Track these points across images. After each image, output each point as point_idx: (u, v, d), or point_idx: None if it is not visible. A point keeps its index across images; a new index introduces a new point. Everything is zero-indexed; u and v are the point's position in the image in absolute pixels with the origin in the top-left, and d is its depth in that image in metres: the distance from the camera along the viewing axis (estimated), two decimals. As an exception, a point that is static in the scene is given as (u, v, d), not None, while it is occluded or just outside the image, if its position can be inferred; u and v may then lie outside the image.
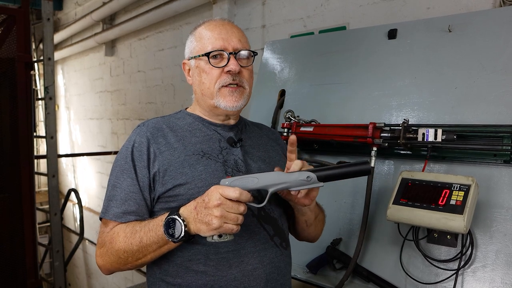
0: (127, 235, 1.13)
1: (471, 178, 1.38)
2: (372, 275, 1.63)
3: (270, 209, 1.26)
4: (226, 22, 1.27)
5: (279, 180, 1.06)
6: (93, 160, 6.30)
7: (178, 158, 1.19)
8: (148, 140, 1.21)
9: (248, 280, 1.16)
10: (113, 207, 1.17)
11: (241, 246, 1.17)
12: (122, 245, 1.13)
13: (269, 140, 1.41)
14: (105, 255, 1.17)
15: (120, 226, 1.16)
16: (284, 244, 1.28)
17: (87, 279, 6.83)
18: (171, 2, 3.98)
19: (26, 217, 3.28)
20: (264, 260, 1.19)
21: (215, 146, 1.25)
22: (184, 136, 1.25)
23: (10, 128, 3.27)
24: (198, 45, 1.25)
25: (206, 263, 1.15)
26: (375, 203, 1.70)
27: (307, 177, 1.04)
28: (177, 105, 4.32)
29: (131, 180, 1.18)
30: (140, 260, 1.14)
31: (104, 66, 5.87)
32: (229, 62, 1.20)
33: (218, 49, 1.21)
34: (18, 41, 3.23)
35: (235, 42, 1.22)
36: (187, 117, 1.31)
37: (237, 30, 1.27)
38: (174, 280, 1.18)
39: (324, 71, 2.04)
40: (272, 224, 1.25)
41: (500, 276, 1.37)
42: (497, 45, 1.54)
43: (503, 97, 1.49)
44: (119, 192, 1.18)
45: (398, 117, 1.72)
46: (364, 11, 2.54)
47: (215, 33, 1.23)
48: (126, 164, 1.19)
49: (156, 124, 1.26)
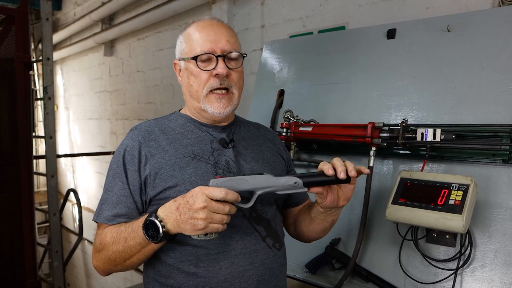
0: (113, 236, 1.14)
1: (470, 177, 1.38)
2: (371, 275, 1.63)
3: (263, 210, 1.26)
4: (214, 22, 1.25)
5: (268, 184, 1.10)
6: (92, 160, 6.29)
7: (169, 161, 1.19)
8: (140, 143, 1.21)
9: (239, 281, 1.16)
10: (104, 210, 1.19)
11: (231, 248, 1.17)
12: (110, 246, 1.14)
13: (265, 140, 1.40)
14: (98, 256, 1.19)
15: (110, 227, 1.17)
16: (278, 245, 1.27)
17: (86, 279, 6.83)
18: (170, 2, 3.98)
19: (25, 217, 3.28)
20: (256, 262, 1.19)
21: (206, 147, 1.25)
22: (175, 138, 1.25)
23: (9, 128, 3.26)
24: (187, 46, 1.24)
25: (197, 264, 1.16)
26: (374, 203, 1.69)
27: (294, 182, 1.11)
28: (177, 105, 4.32)
29: (122, 184, 1.19)
30: (128, 261, 1.14)
31: (103, 66, 5.87)
32: (217, 65, 1.20)
33: (206, 52, 1.20)
34: (17, 41, 3.22)
35: (223, 43, 1.21)
36: (179, 119, 1.31)
37: (226, 30, 1.25)
38: (166, 281, 1.19)
39: (323, 71, 2.04)
40: (264, 225, 1.24)
41: (499, 276, 1.37)
42: (496, 44, 1.54)
43: (502, 97, 1.48)
44: (110, 196, 1.19)
45: (397, 117, 1.72)
46: (363, 11, 2.54)
47: (204, 35, 1.22)
48: (118, 168, 1.20)
49: (148, 127, 1.27)
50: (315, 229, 1.34)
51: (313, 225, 1.32)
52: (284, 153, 1.44)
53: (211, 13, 3.63)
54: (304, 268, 1.80)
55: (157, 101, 4.71)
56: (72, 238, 6.65)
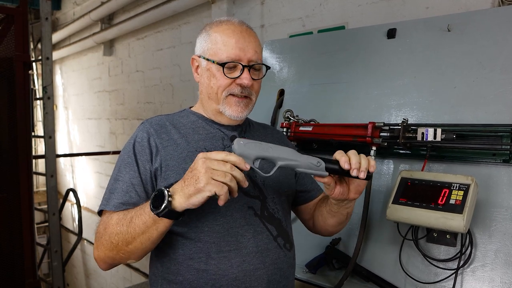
0: (120, 217, 1.11)
1: (470, 177, 1.38)
2: (372, 274, 1.63)
3: (275, 209, 1.25)
4: (244, 29, 1.23)
5: (290, 156, 1.07)
6: (92, 160, 6.29)
7: (180, 154, 1.19)
8: (151, 135, 1.21)
9: (250, 280, 1.15)
10: (114, 198, 1.16)
11: (243, 245, 1.16)
12: (114, 227, 1.10)
13: (273, 139, 1.40)
14: (99, 243, 1.15)
15: (117, 212, 1.14)
16: (288, 245, 1.26)
17: (86, 279, 6.82)
18: (170, 2, 3.97)
19: (25, 217, 3.27)
20: (267, 261, 1.18)
21: (218, 143, 1.24)
22: (187, 133, 1.24)
23: (8, 127, 3.26)
24: (212, 47, 1.21)
25: (208, 261, 1.14)
26: (374, 203, 1.69)
27: (317, 162, 1.08)
28: (176, 105, 4.32)
29: (133, 173, 1.17)
30: (130, 245, 1.09)
31: (102, 66, 5.86)
32: (242, 75, 1.18)
33: (233, 60, 1.18)
34: (16, 41, 3.22)
35: (251, 53, 1.19)
36: (190, 116, 1.31)
37: (254, 39, 1.23)
38: (175, 278, 1.17)
39: (323, 71, 2.03)
40: (275, 225, 1.24)
41: (499, 276, 1.37)
42: (496, 44, 1.54)
43: (502, 96, 1.48)
44: (121, 185, 1.17)
45: (397, 117, 1.72)
46: (363, 11, 2.54)
47: (232, 41, 1.19)
48: (129, 158, 1.19)
49: (160, 121, 1.26)
50: (331, 222, 1.31)
51: (329, 218, 1.30)
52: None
53: (210, 13, 3.62)
54: (304, 268, 1.80)
55: (156, 101, 4.70)
56: (71, 238, 6.64)
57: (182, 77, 4.23)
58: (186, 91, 4.20)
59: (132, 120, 5.22)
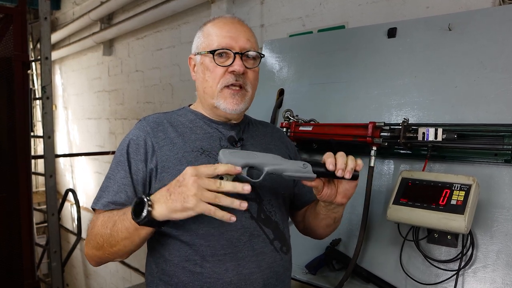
0: (105, 219, 1.11)
1: (472, 177, 1.37)
2: (372, 275, 1.62)
3: (272, 212, 1.24)
4: (236, 20, 1.24)
5: (277, 161, 1.08)
6: (91, 160, 6.28)
7: (176, 155, 1.18)
8: (147, 134, 1.20)
9: (245, 284, 1.14)
10: (104, 197, 1.16)
11: (238, 249, 1.15)
12: (99, 228, 1.11)
13: (273, 139, 1.39)
14: (87, 241, 1.17)
15: (104, 213, 1.15)
16: (285, 248, 1.25)
17: (85, 279, 6.82)
18: (169, 2, 3.97)
19: (24, 217, 3.26)
20: (262, 265, 1.17)
21: (215, 144, 1.23)
22: (184, 132, 1.23)
23: (7, 127, 3.25)
24: (205, 41, 1.23)
25: (203, 264, 1.14)
26: (374, 203, 1.68)
27: (303, 164, 1.09)
28: (175, 105, 4.31)
29: (124, 173, 1.17)
30: (114, 248, 1.10)
31: (102, 65, 5.85)
32: (234, 62, 1.18)
33: (224, 47, 1.18)
34: (15, 40, 3.21)
35: (243, 41, 1.20)
36: (189, 114, 1.30)
37: (247, 29, 1.24)
38: (171, 280, 1.16)
39: (323, 70, 2.02)
40: (272, 228, 1.22)
41: (501, 277, 1.36)
42: (497, 43, 1.53)
43: (503, 96, 1.48)
44: (112, 184, 1.17)
45: (398, 116, 1.71)
46: (363, 10, 2.53)
47: (224, 31, 1.20)
48: (122, 157, 1.19)
49: (157, 119, 1.25)
50: (320, 224, 1.31)
51: (318, 220, 1.30)
52: (292, 151, 1.43)
53: (210, 13, 3.62)
54: (304, 269, 1.79)
55: (156, 101, 4.70)
56: (70, 238, 6.64)
57: (182, 77, 4.23)
58: (185, 91, 4.19)
59: (131, 120, 5.21)
